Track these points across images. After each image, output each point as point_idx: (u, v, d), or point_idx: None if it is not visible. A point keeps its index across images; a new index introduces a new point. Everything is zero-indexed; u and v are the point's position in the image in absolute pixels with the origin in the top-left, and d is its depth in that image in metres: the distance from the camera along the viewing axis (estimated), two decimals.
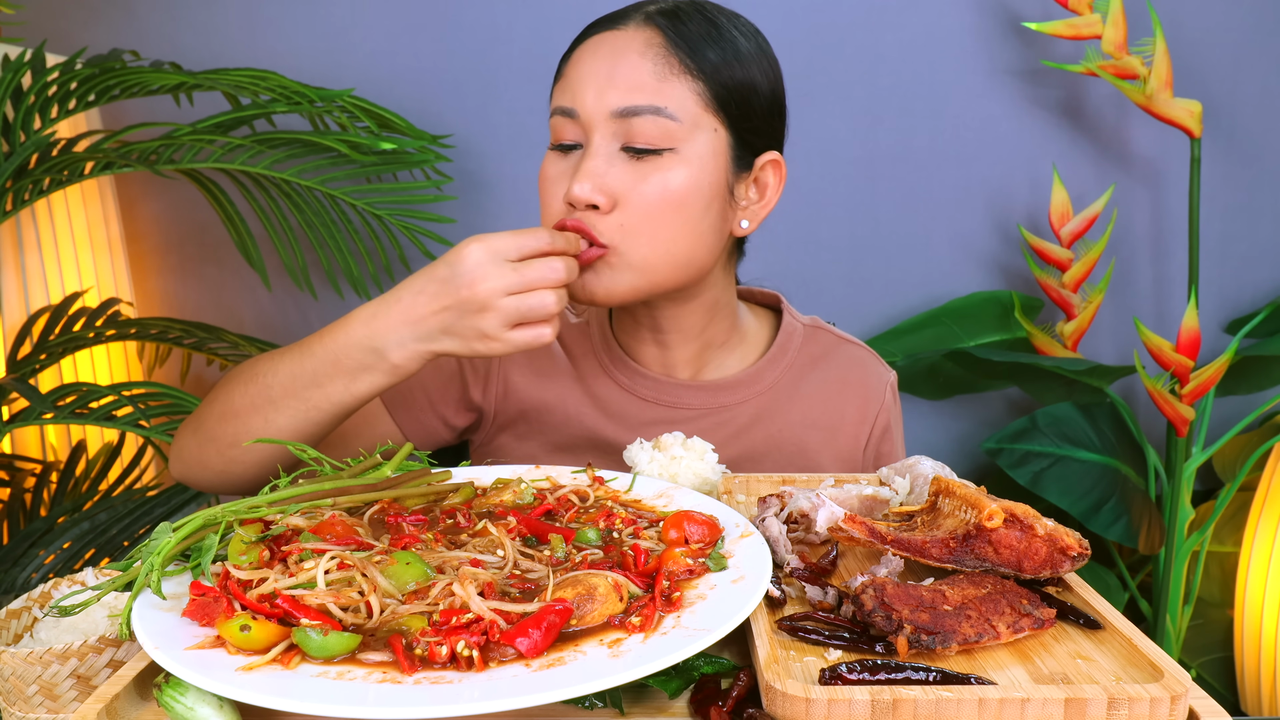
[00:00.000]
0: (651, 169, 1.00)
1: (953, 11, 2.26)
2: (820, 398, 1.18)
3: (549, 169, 1.05)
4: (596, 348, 1.19)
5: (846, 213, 2.35)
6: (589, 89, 1.00)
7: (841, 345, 1.24)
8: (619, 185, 0.99)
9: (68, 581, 0.82)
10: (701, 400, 1.15)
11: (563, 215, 1.02)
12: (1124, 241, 2.36)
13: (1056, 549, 0.72)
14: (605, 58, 1.01)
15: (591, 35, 1.05)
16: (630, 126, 0.99)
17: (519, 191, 2.29)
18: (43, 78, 1.82)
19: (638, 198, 0.99)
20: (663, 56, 1.00)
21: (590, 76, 1.01)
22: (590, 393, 1.17)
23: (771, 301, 1.26)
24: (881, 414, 1.21)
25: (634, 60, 1.00)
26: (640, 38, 1.01)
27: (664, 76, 1.00)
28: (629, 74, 0.99)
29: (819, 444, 1.17)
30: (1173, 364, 2.05)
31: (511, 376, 1.17)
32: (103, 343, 1.94)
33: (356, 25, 2.24)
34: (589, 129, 1.00)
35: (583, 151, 1.02)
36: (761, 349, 1.20)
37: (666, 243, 1.02)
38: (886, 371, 1.24)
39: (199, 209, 2.28)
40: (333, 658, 0.58)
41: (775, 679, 0.57)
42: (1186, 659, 2.28)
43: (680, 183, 1.00)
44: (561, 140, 1.04)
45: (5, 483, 1.89)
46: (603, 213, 0.99)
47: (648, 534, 0.77)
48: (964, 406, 2.44)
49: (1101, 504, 2.05)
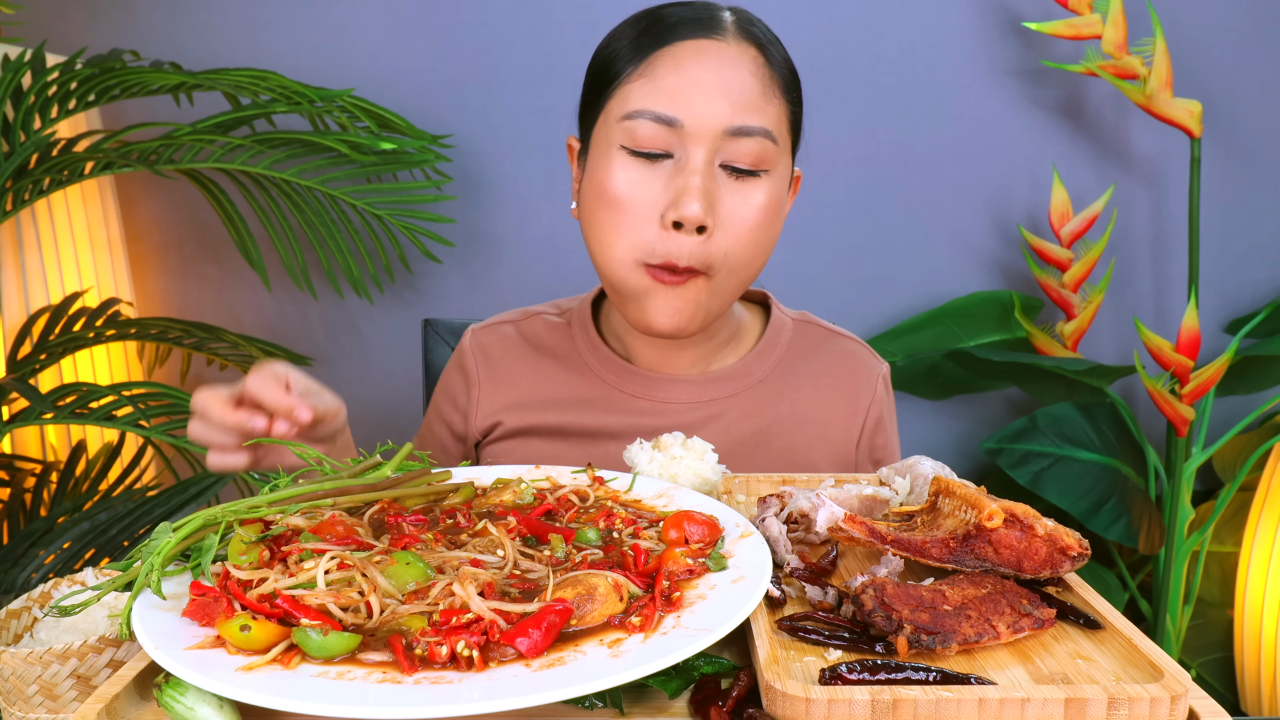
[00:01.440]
0: (751, 191, 0.98)
1: (953, 11, 2.26)
2: (810, 390, 1.17)
3: (627, 175, 0.98)
4: (581, 348, 1.18)
5: (846, 213, 2.35)
6: (698, 99, 0.95)
7: (831, 338, 1.23)
8: (724, 208, 0.97)
9: (68, 581, 0.82)
10: (691, 394, 1.15)
11: (647, 231, 0.98)
12: (1124, 241, 2.36)
13: (1056, 549, 0.72)
14: (715, 69, 0.96)
15: (685, 39, 0.98)
16: (735, 145, 0.96)
17: (519, 191, 2.29)
18: (43, 78, 1.82)
19: (741, 222, 0.98)
20: (767, 77, 0.98)
21: (700, 86, 0.95)
22: (578, 393, 1.16)
23: (760, 298, 1.26)
24: (874, 406, 1.19)
25: (745, 78, 0.97)
26: (747, 54, 0.98)
27: (769, 98, 0.98)
28: (743, 91, 0.96)
29: (810, 437, 1.16)
30: (1173, 364, 2.05)
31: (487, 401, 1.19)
32: (103, 343, 1.94)
33: (356, 25, 2.24)
34: (692, 141, 0.96)
35: (677, 164, 0.97)
36: (753, 343, 1.20)
37: (752, 264, 1.02)
38: (879, 363, 1.23)
39: (199, 209, 2.28)
40: (333, 658, 0.58)
41: (775, 679, 0.57)
42: (1186, 659, 2.28)
43: (771, 205, 1.00)
44: (646, 146, 0.97)
45: (5, 483, 1.89)
46: (707, 234, 0.97)
47: (648, 534, 0.77)
48: (964, 406, 2.44)
49: (1101, 504, 2.05)
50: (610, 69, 1.01)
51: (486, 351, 1.21)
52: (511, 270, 2.32)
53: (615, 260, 1.01)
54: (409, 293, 2.34)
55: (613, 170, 0.98)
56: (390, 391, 2.37)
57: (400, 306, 2.35)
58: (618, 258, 1.00)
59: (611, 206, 0.99)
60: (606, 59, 1.02)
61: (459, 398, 1.22)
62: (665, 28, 0.99)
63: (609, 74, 1.01)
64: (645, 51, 0.98)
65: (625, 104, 0.98)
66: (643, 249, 0.99)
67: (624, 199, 0.98)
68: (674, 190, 0.96)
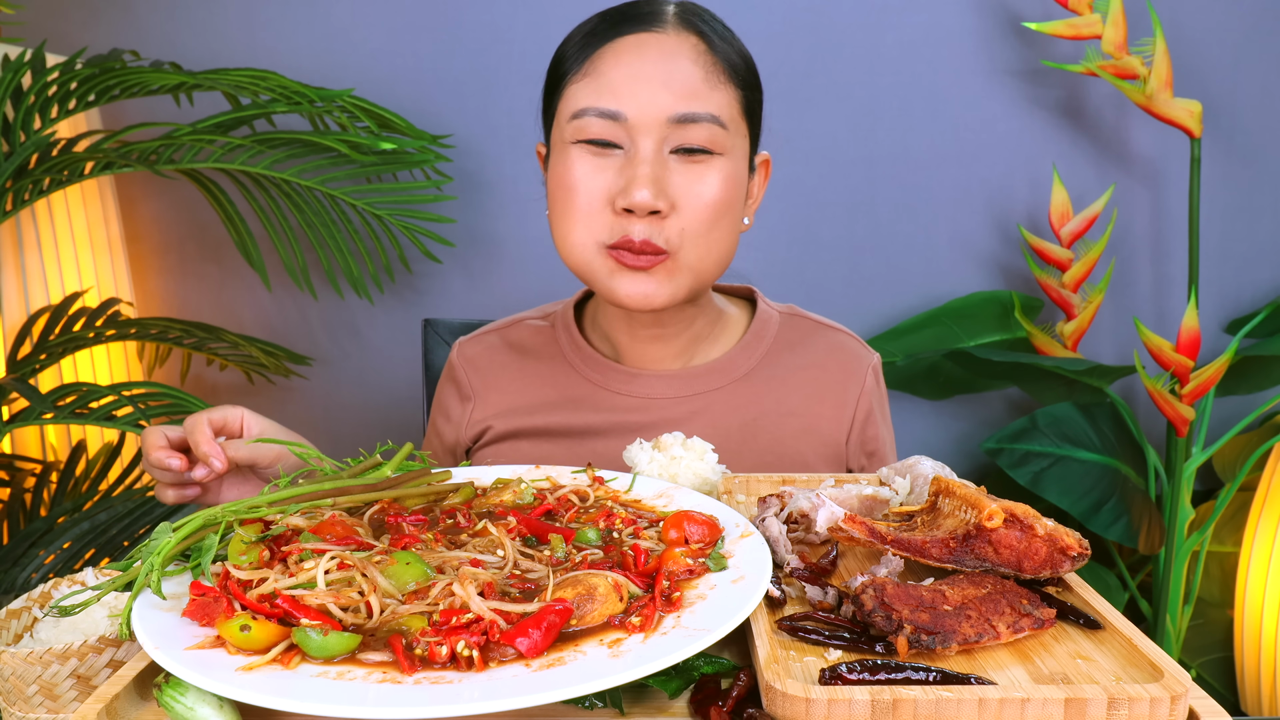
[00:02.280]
0: (704, 172, 1.01)
1: (953, 11, 2.26)
2: (798, 383, 1.17)
3: (579, 168, 1.02)
4: (565, 349, 1.19)
5: (846, 213, 2.34)
6: (639, 92, 0.99)
7: (819, 330, 1.22)
8: (676, 190, 1.00)
9: (68, 581, 0.82)
10: (675, 389, 1.15)
11: (600, 217, 1.01)
12: (1124, 241, 2.36)
13: (1056, 549, 0.72)
14: (654, 61, 1.00)
15: (625, 34, 1.02)
16: (683, 132, 0.99)
17: (519, 191, 2.29)
18: (43, 78, 1.82)
19: (695, 201, 1.01)
20: (711, 64, 1.01)
21: (639, 79, 0.99)
22: (563, 394, 1.17)
23: (745, 293, 1.26)
24: (863, 399, 1.19)
25: (686, 67, 1.00)
26: (687, 43, 1.01)
27: (714, 85, 1.01)
28: (684, 80, 0.99)
29: (798, 430, 1.16)
30: (1173, 364, 2.05)
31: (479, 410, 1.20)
32: (103, 343, 1.94)
33: (356, 25, 2.24)
34: (638, 132, 0.99)
35: (627, 155, 1.01)
36: (737, 337, 1.20)
37: (717, 243, 1.04)
38: (869, 354, 1.22)
39: (199, 209, 2.28)
40: (333, 658, 0.58)
41: (775, 679, 0.57)
42: (1186, 659, 2.28)
43: (727, 186, 1.02)
44: (597, 137, 1.01)
45: (5, 483, 1.88)
46: (662, 217, 1.00)
47: (648, 534, 0.77)
48: (964, 406, 2.44)
49: (1101, 504, 2.05)
50: (558, 70, 1.06)
51: (474, 363, 1.23)
52: (511, 270, 2.32)
53: (576, 246, 1.04)
54: (409, 293, 2.34)
55: (568, 165, 1.03)
56: (390, 391, 2.37)
57: (400, 306, 2.35)
58: (577, 243, 1.04)
59: (567, 197, 1.03)
60: (556, 62, 1.07)
61: (453, 410, 1.23)
62: (607, 25, 1.03)
63: (558, 75, 1.06)
64: (589, 50, 1.03)
65: (573, 103, 1.02)
66: (599, 233, 1.03)
67: (578, 189, 1.02)
68: (625, 179, 1.00)
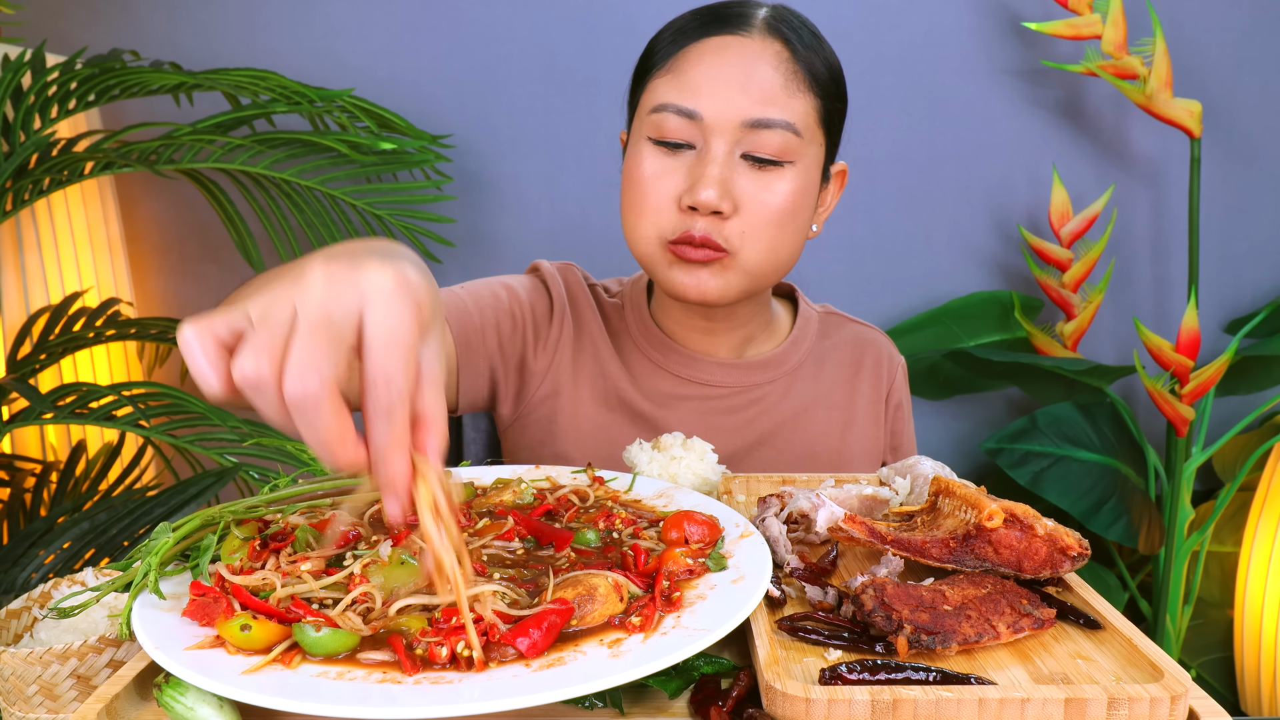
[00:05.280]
0: (773, 179, 1.03)
1: (953, 11, 2.26)
2: (840, 377, 1.24)
3: (651, 164, 1.04)
4: (631, 326, 1.21)
5: (846, 213, 2.34)
6: (718, 93, 1.00)
7: (852, 326, 1.30)
8: (742, 193, 1.02)
9: (68, 581, 0.82)
10: (734, 379, 1.19)
11: (666, 214, 1.03)
12: (1124, 241, 2.36)
13: (1056, 549, 0.71)
14: (735, 64, 1.01)
15: (711, 36, 1.04)
16: (756, 136, 1.01)
17: (519, 191, 2.29)
18: (43, 78, 1.82)
19: (760, 207, 1.02)
20: (791, 71, 1.02)
21: (719, 81, 1.01)
22: (627, 367, 1.19)
23: (787, 290, 1.31)
24: (894, 391, 1.26)
25: (766, 72, 1.01)
26: (770, 49, 1.02)
27: (792, 92, 1.02)
28: (762, 85, 1.01)
29: (841, 422, 1.22)
30: (1173, 364, 2.05)
31: (561, 350, 1.19)
32: (103, 343, 1.94)
33: (356, 25, 2.24)
34: (711, 133, 1.01)
35: (699, 154, 1.03)
36: (785, 333, 1.25)
37: (778, 249, 1.06)
38: (896, 354, 1.30)
39: (199, 209, 2.28)
40: (332, 654, 0.58)
41: (775, 679, 0.57)
42: (1186, 659, 2.28)
43: (796, 194, 1.04)
44: (671, 138, 1.03)
45: (5, 483, 1.88)
46: (724, 218, 1.02)
47: (648, 534, 0.77)
48: (964, 406, 2.44)
49: (1101, 504, 2.05)
50: (646, 63, 1.08)
51: (574, 295, 1.22)
52: (511, 270, 2.32)
53: (640, 238, 1.07)
54: None
55: (640, 159, 1.05)
56: None
57: None
58: (642, 235, 1.07)
59: (636, 191, 1.06)
60: (646, 54, 1.09)
61: (538, 317, 1.17)
62: (697, 24, 1.05)
63: (645, 68, 1.08)
64: (676, 47, 1.05)
65: (654, 97, 1.05)
66: (663, 228, 1.05)
67: (648, 185, 1.04)
68: (693, 177, 1.02)
